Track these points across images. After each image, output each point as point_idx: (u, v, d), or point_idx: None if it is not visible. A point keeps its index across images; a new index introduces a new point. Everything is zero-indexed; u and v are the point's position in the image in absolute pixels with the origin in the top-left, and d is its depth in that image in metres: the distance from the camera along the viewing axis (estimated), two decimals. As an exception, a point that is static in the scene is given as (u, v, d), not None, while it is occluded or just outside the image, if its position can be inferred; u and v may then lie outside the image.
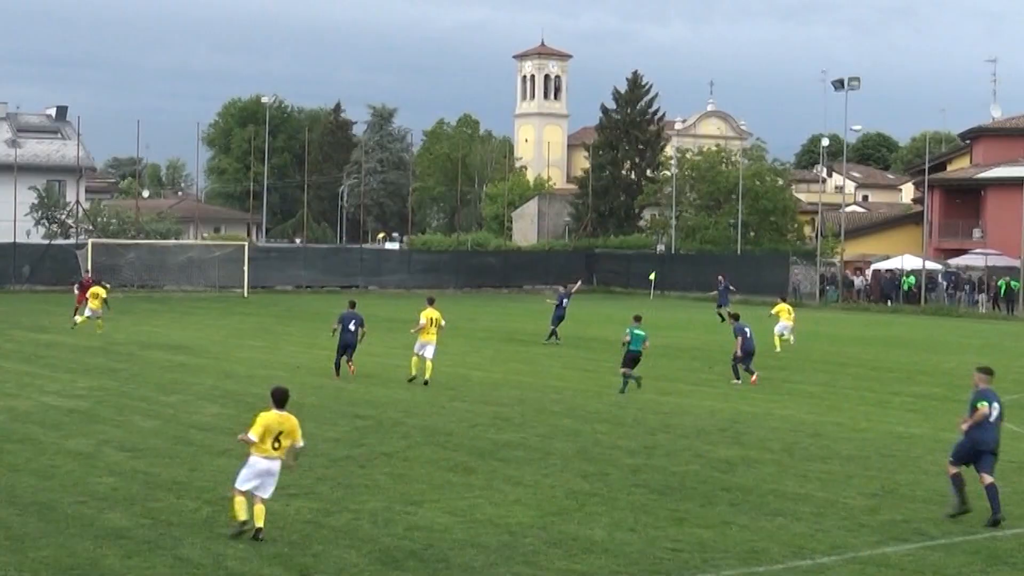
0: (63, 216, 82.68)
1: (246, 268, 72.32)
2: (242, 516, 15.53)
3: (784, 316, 43.28)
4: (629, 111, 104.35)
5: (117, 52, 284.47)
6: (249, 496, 15.57)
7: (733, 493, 18.85)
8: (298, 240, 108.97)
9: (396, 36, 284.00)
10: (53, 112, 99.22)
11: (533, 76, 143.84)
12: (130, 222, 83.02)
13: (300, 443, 16.13)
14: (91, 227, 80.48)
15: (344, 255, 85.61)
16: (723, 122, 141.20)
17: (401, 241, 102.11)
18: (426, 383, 30.33)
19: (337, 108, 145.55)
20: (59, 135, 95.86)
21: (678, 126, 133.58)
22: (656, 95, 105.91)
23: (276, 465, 15.77)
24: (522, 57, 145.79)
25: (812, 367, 38.31)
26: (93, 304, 44.19)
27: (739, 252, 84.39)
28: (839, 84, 79.61)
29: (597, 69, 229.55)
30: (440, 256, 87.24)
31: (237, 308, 60.98)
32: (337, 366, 32.30)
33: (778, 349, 41.70)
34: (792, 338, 43.55)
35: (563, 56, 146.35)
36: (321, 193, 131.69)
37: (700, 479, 19.86)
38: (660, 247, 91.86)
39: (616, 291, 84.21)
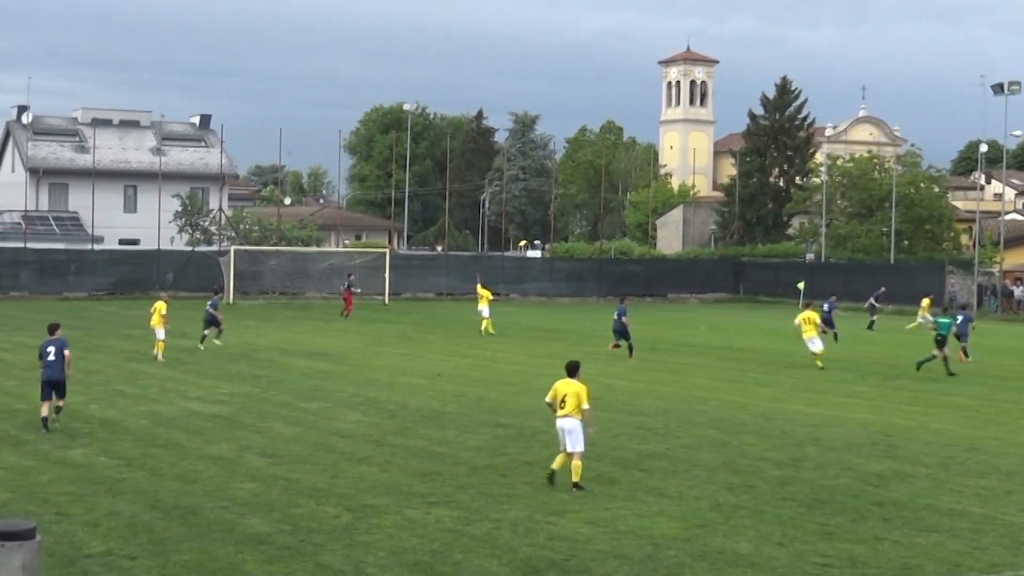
0: (206, 223, 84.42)
1: (387, 275, 73.03)
2: (555, 466, 19.35)
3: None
4: (777, 117, 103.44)
5: (260, 61, 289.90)
6: (577, 457, 19.03)
7: (885, 508, 18.51)
8: (439, 248, 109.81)
9: (539, 43, 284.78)
10: (197, 120, 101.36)
11: (679, 82, 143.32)
12: (272, 229, 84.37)
13: (585, 405, 19.22)
14: (233, 234, 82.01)
15: (485, 263, 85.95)
16: (876, 128, 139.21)
17: (543, 249, 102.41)
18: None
19: (479, 115, 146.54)
20: (203, 143, 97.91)
21: (828, 132, 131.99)
22: (805, 100, 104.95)
23: (570, 422, 19.18)
24: (668, 63, 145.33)
25: (969, 380, 37.48)
26: (155, 321, 38.47)
27: (892, 261, 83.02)
28: (998, 88, 77.93)
29: (744, 74, 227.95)
30: (583, 264, 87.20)
31: (378, 315, 61.59)
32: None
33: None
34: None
35: (710, 61, 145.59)
36: (463, 200, 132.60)
37: (851, 493, 19.54)
38: (809, 256, 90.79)
39: (763, 300, 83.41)
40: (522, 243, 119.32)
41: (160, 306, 38.71)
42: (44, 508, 17.16)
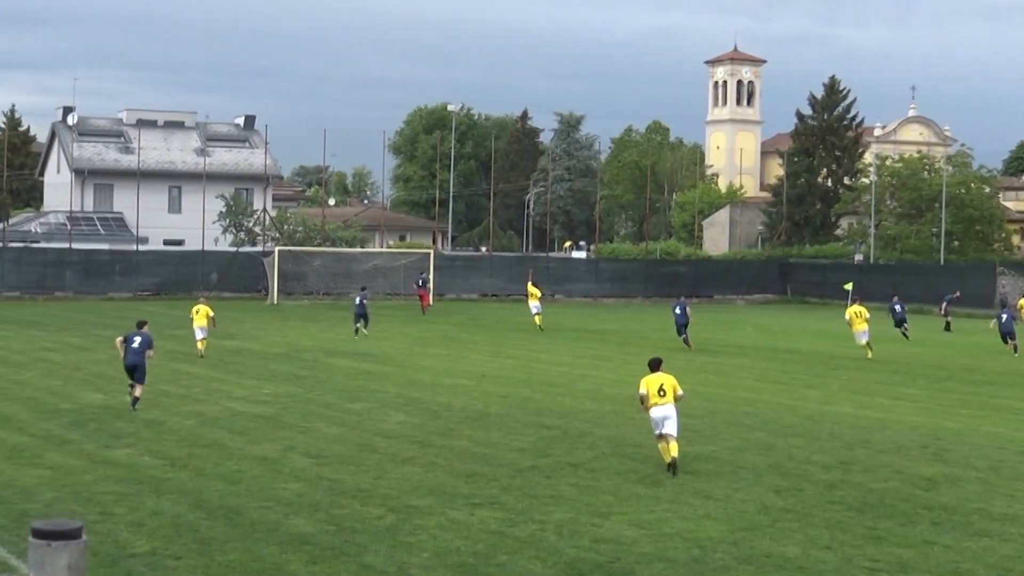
0: (250, 224, 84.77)
1: (431, 276, 73.14)
2: (665, 457, 20.93)
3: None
4: (826, 117, 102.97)
5: (305, 62, 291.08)
6: (666, 439, 20.80)
7: (935, 512, 18.38)
8: (484, 248, 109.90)
9: (584, 43, 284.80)
10: (241, 121, 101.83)
11: (725, 82, 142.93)
12: (316, 230, 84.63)
13: (680, 392, 21.25)
14: (278, 235, 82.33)
15: (530, 264, 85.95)
16: (926, 128, 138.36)
17: (588, 250, 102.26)
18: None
19: (524, 115, 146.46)
20: (247, 144, 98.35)
21: (877, 132, 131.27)
22: (854, 100, 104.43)
23: (670, 409, 20.90)
24: (714, 63, 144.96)
25: (1021, 382, 37.18)
26: (199, 322, 39.20)
27: (942, 262, 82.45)
28: (1051, 86, 77.21)
29: (792, 74, 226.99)
30: (628, 265, 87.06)
31: (422, 316, 61.70)
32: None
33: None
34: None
35: (757, 61, 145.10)
36: (507, 201, 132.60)
37: (900, 496, 19.41)
38: (858, 256, 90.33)
39: (811, 301, 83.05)
40: (567, 244, 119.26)
41: (206, 309, 39.30)
42: (88, 508, 17.27)
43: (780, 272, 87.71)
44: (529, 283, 57.36)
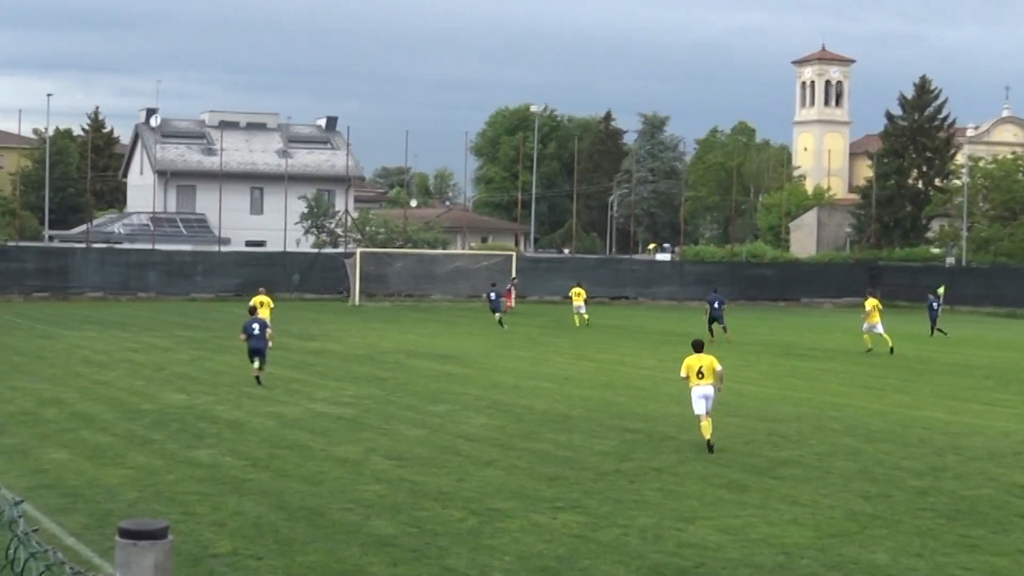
0: (332, 225, 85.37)
1: (511, 278, 73.17)
2: (707, 435, 22.78)
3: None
4: (916, 117, 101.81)
5: (387, 63, 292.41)
6: (705, 417, 22.83)
7: (1030, 520, 18.12)
8: (566, 250, 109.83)
9: (669, 43, 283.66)
10: (323, 123, 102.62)
11: (813, 82, 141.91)
12: (398, 231, 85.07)
13: (718, 367, 23.13)
14: (359, 236, 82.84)
15: (613, 266, 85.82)
16: (1020, 128, 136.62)
17: (672, 252, 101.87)
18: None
19: (607, 117, 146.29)
20: (329, 145, 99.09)
21: (970, 133, 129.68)
22: (946, 100, 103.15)
23: (710, 389, 22.95)
24: (802, 63, 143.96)
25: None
26: (262, 314, 39.54)
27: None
28: None
29: (882, 74, 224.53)
30: (713, 267, 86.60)
31: (504, 318, 61.72)
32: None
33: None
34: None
35: (845, 61, 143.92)
36: (590, 203, 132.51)
37: (993, 504, 19.15)
38: (949, 260, 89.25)
39: (900, 305, 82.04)
40: (651, 246, 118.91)
41: (267, 301, 40.89)
42: (171, 507, 17.46)
43: (869, 275, 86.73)
44: (576, 285, 60.08)
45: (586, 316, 57.42)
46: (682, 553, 15.70)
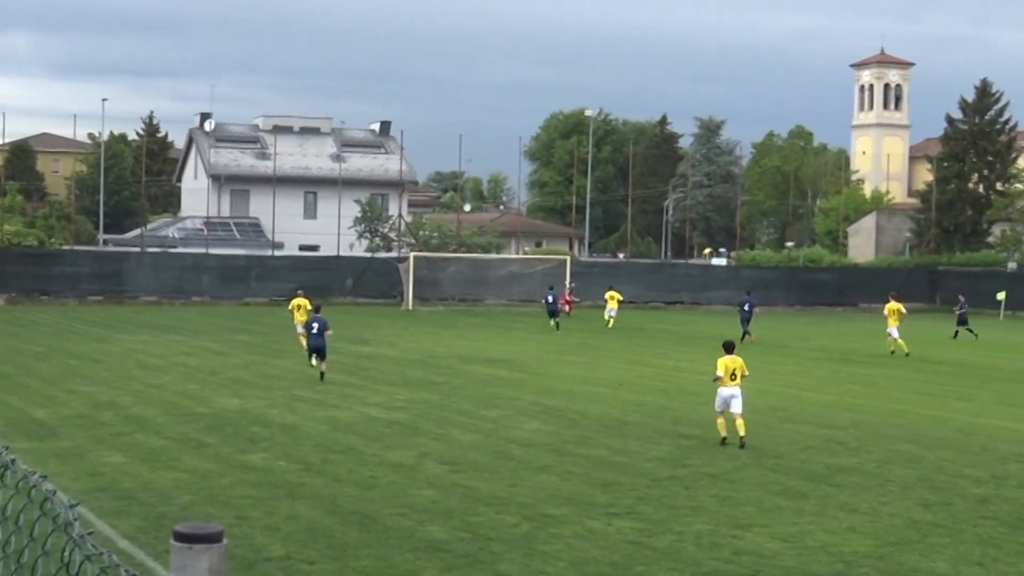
0: (385, 229, 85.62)
1: (567, 283, 73.15)
2: (722, 433, 24.37)
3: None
4: (977, 121, 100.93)
5: (440, 67, 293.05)
6: (727, 416, 24.39)
7: (1094, 529, 17.89)
8: (621, 255, 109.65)
9: (725, 46, 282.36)
10: (377, 127, 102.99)
11: (872, 85, 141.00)
12: (451, 236, 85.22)
13: (746, 373, 24.91)
14: (413, 240, 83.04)
15: (669, 271, 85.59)
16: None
17: (728, 257, 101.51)
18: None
19: (663, 120, 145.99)
20: (382, 149, 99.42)
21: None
22: (1007, 103, 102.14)
23: (736, 389, 24.53)
24: (860, 66, 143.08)
25: None
26: (299, 317, 42.92)
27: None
28: None
29: (942, 77, 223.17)
30: (770, 272, 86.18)
31: (561, 321, 61.65)
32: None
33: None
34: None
35: (905, 64, 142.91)
36: (645, 207, 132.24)
37: (1057, 513, 18.93)
38: (1011, 265, 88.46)
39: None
40: (707, 251, 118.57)
41: (304, 303, 43.19)
42: (224, 511, 17.52)
43: (929, 280, 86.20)
44: (610, 289, 63.22)
45: (612, 318, 60.34)
46: (738, 560, 15.61)
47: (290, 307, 45.02)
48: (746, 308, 52.79)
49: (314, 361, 34.41)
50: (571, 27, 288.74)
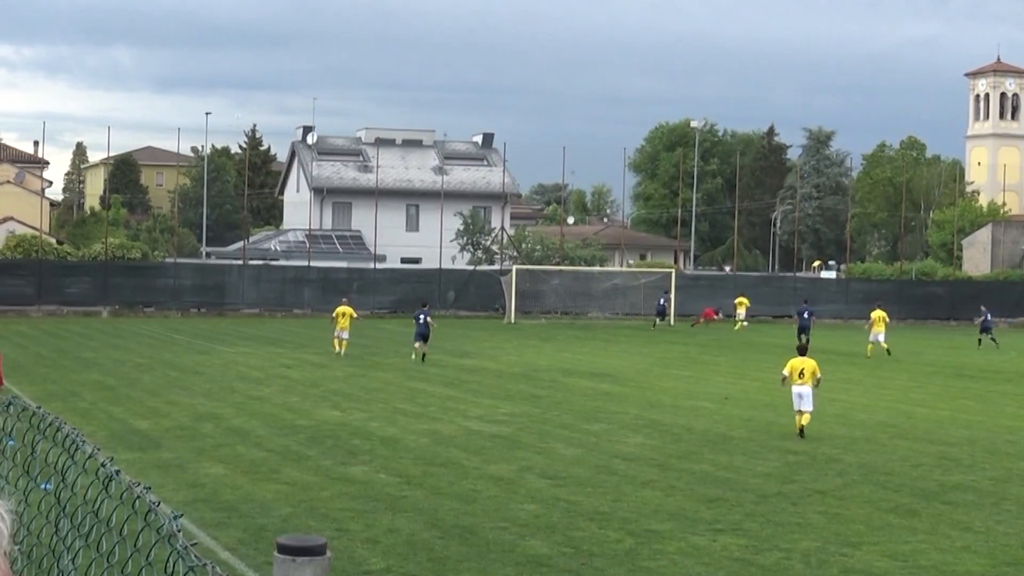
0: (488, 242, 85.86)
1: (673, 296, 72.90)
2: (803, 423, 26.91)
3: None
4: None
5: (543, 79, 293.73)
6: (802, 413, 26.89)
7: None
8: (727, 268, 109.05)
9: (835, 55, 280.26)
10: (479, 139, 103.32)
11: (988, 94, 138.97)
12: (554, 248, 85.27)
13: (818, 375, 27.49)
14: (515, 253, 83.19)
15: (777, 284, 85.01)
16: None
17: (838, 270, 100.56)
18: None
19: (771, 131, 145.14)
20: (485, 162, 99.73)
21: None
22: None
23: (807, 389, 26.97)
24: (975, 74, 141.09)
25: None
26: (342, 324, 45.98)
27: None
28: None
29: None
30: (881, 286, 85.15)
31: (662, 336, 61.51)
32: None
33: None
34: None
35: (1022, 72, 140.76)
36: (752, 219, 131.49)
37: None
38: None
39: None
40: (816, 263, 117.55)
41: (348, 311, 45.93)
42: (324, 523, 17.64)
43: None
44: (741, 296, 70.51)
45: (741, 322, 67.75)
46: (847, 579, 15.42)
47: (334, 314, 47.26)
48: (805, 316, 57.16)
49: (417, 344, 43.03)
50: (675, 36, 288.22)
